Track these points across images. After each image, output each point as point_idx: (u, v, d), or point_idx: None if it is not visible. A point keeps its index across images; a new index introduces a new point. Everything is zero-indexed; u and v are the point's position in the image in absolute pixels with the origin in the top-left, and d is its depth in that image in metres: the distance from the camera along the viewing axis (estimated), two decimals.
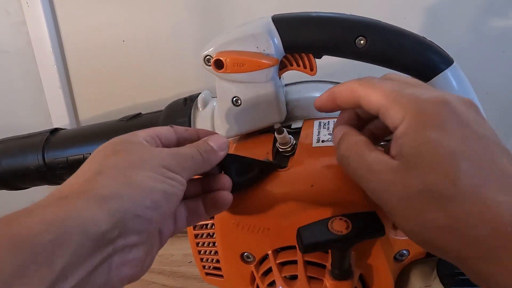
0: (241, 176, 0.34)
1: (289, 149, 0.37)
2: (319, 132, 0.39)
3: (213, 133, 0.34)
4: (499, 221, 0.21)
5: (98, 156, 0.27)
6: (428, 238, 0.24)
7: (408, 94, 0.26)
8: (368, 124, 0.32)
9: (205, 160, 0.30)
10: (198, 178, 0.33)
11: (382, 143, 0.40)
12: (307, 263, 0.36)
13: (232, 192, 0.33)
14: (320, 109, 0.32)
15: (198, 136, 0.33)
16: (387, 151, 0.27)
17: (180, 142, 0.32)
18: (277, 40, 0.38)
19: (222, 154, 0.32)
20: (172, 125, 0.33)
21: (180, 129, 0.33)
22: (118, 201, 0.23)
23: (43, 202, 0.23)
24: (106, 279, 0.23)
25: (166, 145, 0.31)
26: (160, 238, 0.30)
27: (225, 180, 0.33)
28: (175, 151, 0.29)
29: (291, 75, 0.42)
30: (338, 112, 0.42)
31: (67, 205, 0.22)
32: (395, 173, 0.25)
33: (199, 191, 0.33)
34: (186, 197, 0.32)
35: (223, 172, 0.33)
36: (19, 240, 0.19)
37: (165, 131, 0.32)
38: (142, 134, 0.30)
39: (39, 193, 0.88)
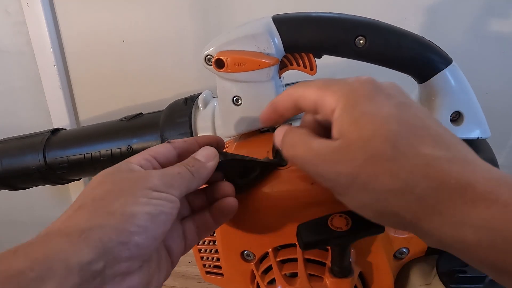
0: (244, 177, 0.34)
1: None
2: None
3: (214, 138, 0.34)
4: (440, 175, 0.23)
5: (84, 192, 0.27)
6: (381, 207, 0.25)
7: (336, 82, 0.28)
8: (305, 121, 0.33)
9: (194, 174, 0.30)
10: (202, 190, 0.34)
11: None
12: (307, 261, 0.36)
13: (236, 194, 0.33)
14: (266, 123, 0.33)
15: (198, 144, 0.33)
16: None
17: (181, 156, 0.32)
18: (278, 39, 0.38)
19: (211, 164, 0.31)
20: (170, 140, 0.33)
21: (179, 142, 0.33)
22: (99, 231, 0.23)
23: (28, 242, 0.23)
24: None
25: (166, 163, 0.31)
26: (170, 258, 0.30)
27: (227, 187, 0.33)
28: (160, 172, 0.28)
29: (291, 75, 0.42)
30: None
31: (49, 242, 0.22)
32: (338, 151, 0.25)
33: (205, 203, 0.33)
34: (193, 212, 0.33)
35: (225, 178, 0.34)
36: (4, 278, 0.19)
37: (163, 149, 0.32)
38: (135, 160, 0.30)
39: (39, 193, 0.89)
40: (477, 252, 0.23)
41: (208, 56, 0.39)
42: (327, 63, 0.40)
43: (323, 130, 0.30)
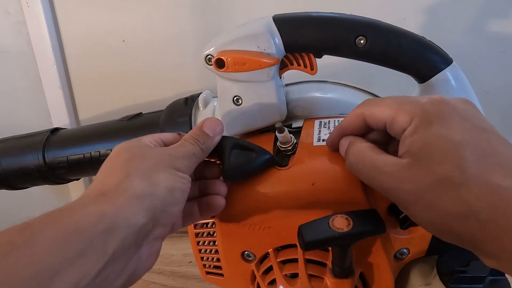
0: (239, 159, 0.35)
1: (290, 148, 0.37)
2: (319, 131, 0.39)
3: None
4: (506, 205, 0.23)
5: (119, 160, 0.30)
6: (444, 227, 0.25)
7: (409, 101, 0.28)
8: (368, 134, 0.34)
9: (204, 151, 0.33)
10: (196, 182, 0.36)
11: None
12: (308, 261, 0.36)
13: (232, 178, 0.35)
14: (334, 148, 0.34)
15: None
16: (391, 154, 0.29)
17: None
18: (278, 39, 0.38)
19: (217, 139, 0.34)
20: (180, 133, 0.35)
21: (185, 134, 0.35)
22: (150, 199, 0.27)
23: (89, 198, 0.27)
24: (135, 269, 0.27)
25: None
26: None
27: (221, 186, 0.35)
28: (181, 153, 0.32)
29: (291, 74, 0.42)
30: (339, 112, 0.43)
31: (112, 202, 0.26)
32: (406, 170, 0.26)
33: (197, 194, 0.36)
34: None
35: (223, 155, 0.34)
36: (80, 228, 0.23)
37: (171, 137, 0.35)
38: (147, 139, 0.33)
39: (39, 193, 0.88)
40: None
41: (209, 56, 0.39)
42: (327, 63, 0.40)
43: (379, 146, 0.31)
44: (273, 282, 0.38)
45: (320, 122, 0.41)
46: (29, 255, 0.21)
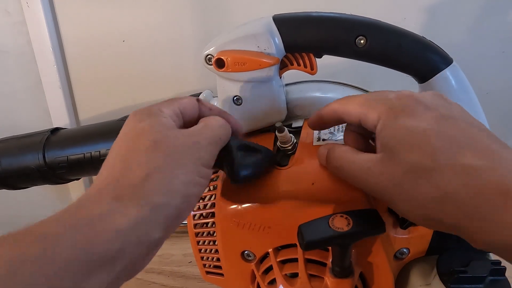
0: (248, 160, 0.34)
1: (290, 147, 0.37)
2: (319, 131, 0.39)
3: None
4: (479, 184, 0.24)
5: (140, 147, 0.28)
6: (426, 214, 0.26)
7: (378, 98, 0.30)
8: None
9: (228, 136, 0.32)
10: None
11: None
12: (308, 261, 0.36)
13: (243, 180, 0.34)
14: (312, 128, 0.36)
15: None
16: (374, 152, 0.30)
17: (201, 117, 0.33)
18: (278, 39, 0.38)
19: (229, 135, 0.33)
20: (199, 99, 0.34)
21: (206, 106, 0.34)
22: (166, 210, 0.26)
23: (102, 203, 0.25)
24: (133, 269, 0.26)
25: (189, 121, 0.32)
26: None
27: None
28: (208, 139, 0.30)
29: (291, 74, 0.42)
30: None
31: (127, 212, 0.24)
32: (381, 164, 0.27)
33: None
34: None
35: (231, 157, 0.33)
36: (94, 247, 0.22)
37: (191, 107, 0.33)
38: (168, 112, 0.31)
39: (39, 192, 0.88)
40: None
41: (209, 56, 0.39)
42: (327, 63, 0.40)
43: (365, 141, 0.33)
44: (273, 281, 0.38)
45: None
46: (40, 275, 0.20)
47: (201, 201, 0.37)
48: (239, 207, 0.36)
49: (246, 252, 0.38)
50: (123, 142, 0.29)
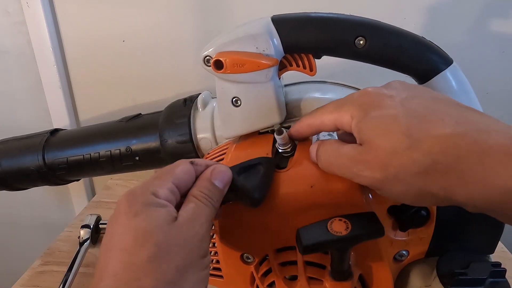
0: (255, 180, 0.33)
1: (288, 149, 0.37)
2: (318, 134, 0.39)
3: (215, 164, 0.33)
4: (456, 149, 0.25)
5: (142, 256, 0.25)
6: (416, 191, 0.27)
7: (345, 101, 0.32)
8: None
9: (216, 209, 0.31)
10: None
11: None
12: (307, 264, 0.36)
13: (261, 200, 0.33)
14: (296, 136, 0.38)
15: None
16: None
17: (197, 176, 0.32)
18: (277, 40, 0.38)
19: (226, 190, 0.32)
20: (193, 161, 0.32)
21: (201, 165, 0.32)
22: None
23: None
24: None
25: (185, 191, 0.31)
26: None
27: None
28: (201, 232, 0.28)
29: (290, 75, 0.42)
30: None
31: None
32: (366, 152, 0.29)
33: None
34: None
35: (238, 188, 0.32)
36: None
37: (186, 176, 0.31)
38: (163, 193, 0.28)
39: (39, 193, 0.89)
40: (505, 211, 0.25)
41: (207, 57, 0.39)
42: (326, 63, 0.40)
43: (352, 137, 0.33)
44: (272, 284, 0.38)
45: None
46: None
47: None
48: (238, 209, 0.36)
49: (245, 254, 0.38)
50: (121, 244, 0.26)
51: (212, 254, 0.41)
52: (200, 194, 0.30)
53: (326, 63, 0.40)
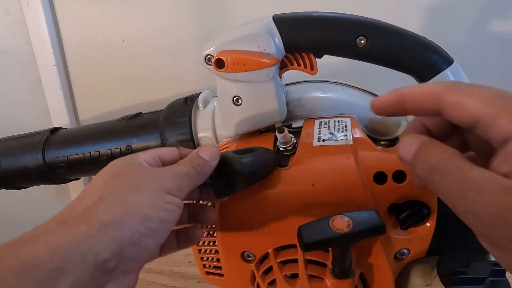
0: (251, 161, 0.33)
1: (290, 148, 0.37)
2: (319, 132, 0.39)
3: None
4: None
5: (99, 181, 0.27)
6: None
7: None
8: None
9: (200, 173, 0.30)
10: (185, 207, 0.34)
11: (382, 143, 0.40)
12: (308, 262, 0.36)
13: (248, 176, 0.32)
14: (379, 111, 0.27)
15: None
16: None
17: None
18: (278, 39, 0.38)
19: (214, 163, 0.32)
20: (178, 147, 0.33)
21: (186, 151, 0.33)
22: (117, 229, 0.24)
23: (46, 227, 0.23)
24: None
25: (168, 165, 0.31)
26: None
27: (211, 212, 0.35)
28: (172, 172, 0.29)
29: (291, 74, 0.42)
30: (339, 112, 0.43)
31: (69, 233, 0.23)
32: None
33: (185, 221, 0.35)
34: None
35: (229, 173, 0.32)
36: (26, 268, 0.20)
37: (169, 152, 0.32)
38: (143, 156, 0.30)
39: (39, 192, 0.88)
40: None
41: (208, 56, 0.39)
42: (327, 63, 0.40)
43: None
44: (273, 282, 0.38)
45: (320, 122, 0.41)
46: None
47: (201, 202, 0.37)
48: (239, 207, 0.36)
49: (246, 252, 0.38)
50: (90, 182, 0.29)
51: (212, 252, 0.41)
52: (183, 160, 0.31)
53: (327, 63, 0.40)
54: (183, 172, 0.29)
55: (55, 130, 0.60)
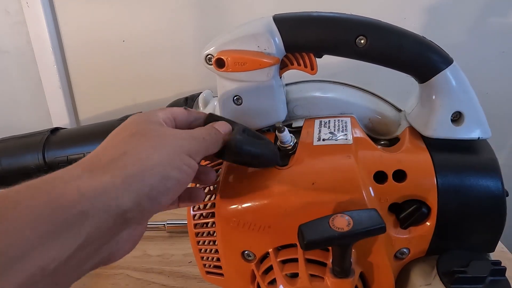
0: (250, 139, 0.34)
1: (290, 147, 0.37)
2: (319, 131, 0.39)
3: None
4: None
5: (123, 135, 0.29)
6: None
7: None
8: None
9: (214, 142, 0.32)
10: None
11: (382, 142, 0.41)
12: (308, 261, 0.36)
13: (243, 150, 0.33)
14: None
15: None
16: None
17: (191, 125, 0.34)
18: (278, 39, 0.38)
19: (226, 138, 0.33)
20: (187, 108, 0.35)
21: (194, 112, 0.35)
22: (140, 183, 0.25)
23: (72, 171, 0.25)
24: (110, 252, 0.26)
25: (180, 127, 0.33)
26: None
27: (212, 174, 0.36)
28: (190, 135, 0.31)
29: (292, 74, 0.42)
30: (339, 111, 0.43)
31: (95, 180, 0.24)
32: None
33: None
34: None
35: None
36: (56, 208, 0.22)
37: (181, 112, 0.34)
38: (161, 115, 0.32)
39: None
40: None
41: (209, 56, 0.39)
42: (327, 62, 0.40)
43: None
44: (273, 282, 0.38)
45: (320, 121, 0.41)
46: None
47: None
48: (239, 207, 0.36)
49: (246, 252, 0.38)
50: (110, 135, 0.30)
51: (212, 252, 0.41)
52: (202, 128, 0.33)
53: (327, 63, 0.40)
54: (200, 137, 0.31)
55: (55, 130, 0.60)
